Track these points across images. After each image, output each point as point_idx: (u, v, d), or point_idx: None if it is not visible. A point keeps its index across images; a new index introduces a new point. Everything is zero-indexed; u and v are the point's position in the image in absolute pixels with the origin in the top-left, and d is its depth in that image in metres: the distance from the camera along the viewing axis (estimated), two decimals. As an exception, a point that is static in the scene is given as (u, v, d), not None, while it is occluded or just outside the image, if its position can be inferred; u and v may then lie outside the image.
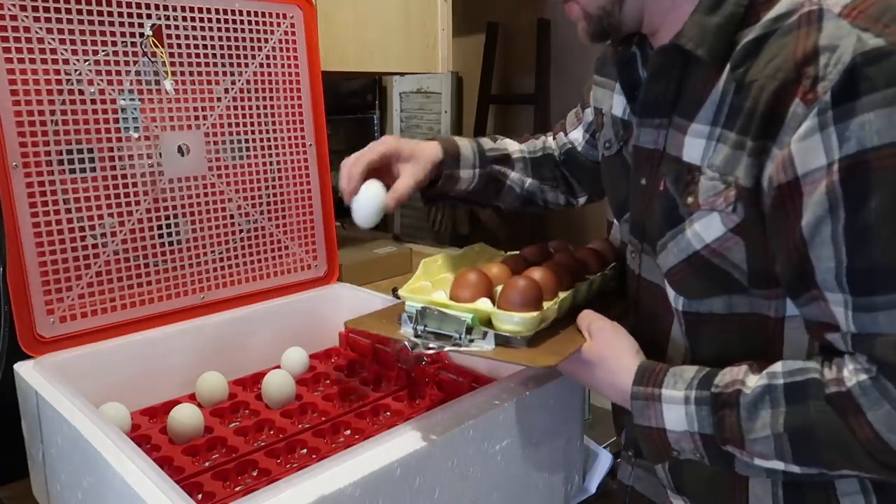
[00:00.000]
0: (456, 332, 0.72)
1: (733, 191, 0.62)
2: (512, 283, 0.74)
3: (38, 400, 0.80)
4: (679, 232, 0.68)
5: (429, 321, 0.74)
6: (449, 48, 1.78)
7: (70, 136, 0.90)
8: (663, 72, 0.70)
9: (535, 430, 0.81)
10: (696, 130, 0.66)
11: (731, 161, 0.62)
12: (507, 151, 1.00)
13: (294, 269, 1.16)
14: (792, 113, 0.57)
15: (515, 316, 0.71)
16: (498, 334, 0.72)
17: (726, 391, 0.64)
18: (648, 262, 0.76)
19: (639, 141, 0.74)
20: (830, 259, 0.57)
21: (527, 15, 2.60)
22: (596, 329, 0.74)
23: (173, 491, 0.59)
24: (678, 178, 0.68)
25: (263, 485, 0.64)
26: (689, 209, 0.67)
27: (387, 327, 0.78)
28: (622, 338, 0.73)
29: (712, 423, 0.64)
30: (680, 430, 0.66)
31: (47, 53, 0.88)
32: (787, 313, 0.66)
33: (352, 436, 0.86)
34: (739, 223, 0.63)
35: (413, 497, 0.67)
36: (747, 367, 0.64)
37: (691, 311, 0.71)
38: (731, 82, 0.63)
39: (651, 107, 0.72)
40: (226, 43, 1.05)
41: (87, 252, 0.92)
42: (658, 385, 0.67)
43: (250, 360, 1.05)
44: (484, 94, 2.77)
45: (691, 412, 0.65)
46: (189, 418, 0.85)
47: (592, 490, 0.91)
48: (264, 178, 1.12)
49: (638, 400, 0.68)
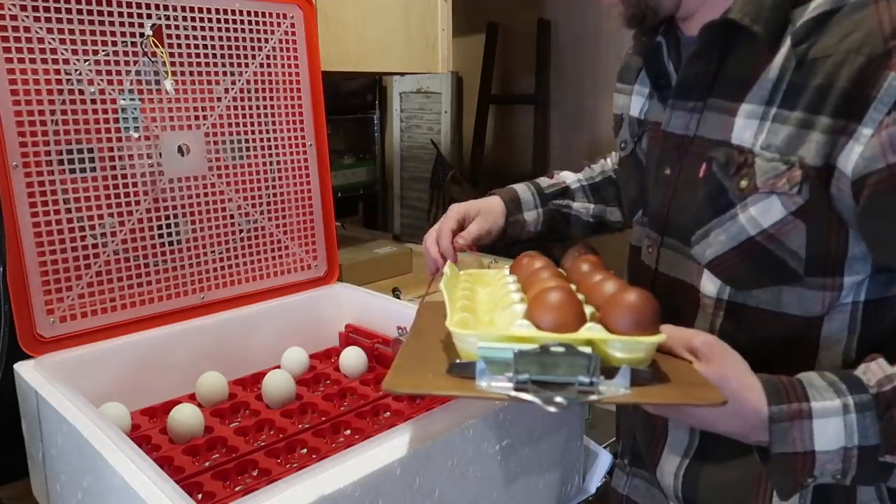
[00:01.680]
0: (579, 375, 0.54)
1: (798, 171, 0.60)
2: (621, 301, 0.58)
3: (38, 400, 0.80)
4: (729, 219, 0.65)
5: (528, 366, 0.54)
6: (449, 48, 1.78)
7: (70, 135, 0.90)
8: (707, 51, 0.68)
9: (535, 430, 0.81)
10: (747, 111, 0.64)
11: (794, 141, 0.60)
12: (565, 184, 1.00)
13: (294, 269, 1.16)
14: (886, 87, 0.55)
15: (644, 342, 0.56)
16: (637, 370, 0.55)
17: (884, 388, 0.56)
18: (669, 257, 0.73)
19: (669, 126, 0.73)
20: None
21: (527, 15, 2.60)
22: (702, 345, 0.61)
23: (173, 491, 0.59)
24: (728, 162, 0.65)
25: (263, 485, 0.64)
26: (742, 193, 0.64)
27: (453, 384, 0.57)
28: (735, 354, 0.61)
29: (878, 430, 0.56)
30: (834, 449, 0.57)
31: (47, 53, 0.88)
32: (840, 301, 0.63)
33: (352, 436, 0.86)
34: (803, 205, 0.60)
35: (413, 497, 0.67)
36: (883, 359, 0.59)
37: (738, 301, 0.67)
38: (792, 59, 0.61)
39: (687, 88, 0.70)
40: (226, 43, 1.05)
41: (87, 252, 0.92)
42: (803, 399, 0.58)
43: (250, 360, 1.05)
44: (484, 94, 2.77)
45: (851, 422, 0.56)
46: (189, 418, 0.85)
47: (592, 490, 0.91)
48: (264, 178, 1.12)
49: (781, 422, 0.57)
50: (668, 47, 0.75)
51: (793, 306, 0.65)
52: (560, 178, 1.02)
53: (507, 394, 0.54)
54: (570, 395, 0.53)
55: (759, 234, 0.63)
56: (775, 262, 0.63)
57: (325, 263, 1.20)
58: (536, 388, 0.54)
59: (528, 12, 2.60)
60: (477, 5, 2.72)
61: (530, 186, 0.99)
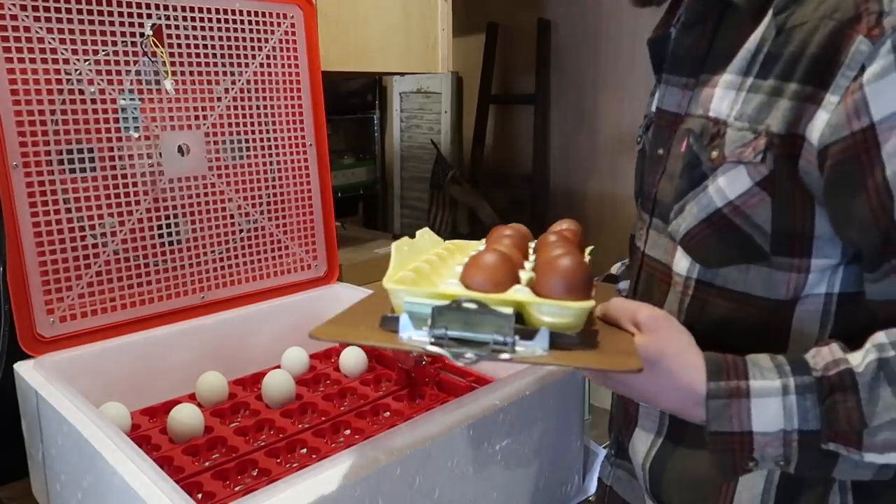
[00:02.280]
0: (497, 333, 0.54)
1: (763, 139, 0.58)
2: (554, 265, 0.58)
3: (38, 400, 0.80)
4: (701, 190, 0.64)
5: (450, 322, 0.55)
6: (449, 48, 1.78)
7: (70, 135, 0.90)
8: (697, 21, 0.67)
9: (535, 430, 0.81)
10: (726, 82, 0.63)
11: (764, 108, 0.59)
12: (610, 273, 0.91)
13: (294, 269, 1.16)
14: (853, 52, 0.53)
15: (570, 307, 0.55)
16: (556, 333, 0.55)
17: (830, 372, 0.54)
18: (654, 238, 0.73)
19: (662, 102, 0.72)
20: None
21: (527, 15, 2.60)
22: (647, 319, 0.61)
23: (173, 491, 0.59)
24: (703, 133, 0.64)
25: (263, 485, 0.64)
26: (713, 164, 0.62)
27: (377, 335, 0.58)
28: (680, 330, 0.61)
29: (819, 414, 0.54)
30: (773, 431, 0.56)
31: (47, 53, 0.88)
32: (802, 293, 0.61)
33: (352, 436, 0.86)
34: (767, 175, 0.58)
35: (413, 497, 0.67)
36: (836, 344, 0.56)
37: (705, 280, 0.65)
38: (772, 29, 0.60)
39: (680, 62, 0.69)
40: (226, 43, 1.05)
41: (87, 252, 0.92)
42: (742, 377, 0.56)
43: (250, 360, 1.05)
44: (484, 94, 2.77)
45: (791, 404, 0.55)
46: (189, 418, 0.85)
47: (592, 490, 0.91)
48: (264, 178, 1.12)
49: (718, 399, 0.56)
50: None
51: (758, 287, 0.62)
52: (608, 273, 0.92)
53: (422, 347, 0.55)
54: (482, 353, 0.54)
55: (726, 205, 0.61)
56: (742, 238, 0.61)
57: (325, 263, 1.20)
58: (452, 343, 0.54)
59: (528, 12, 2.60)
60: (477, 5, 2.72)
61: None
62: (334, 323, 0.62)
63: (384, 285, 0.59)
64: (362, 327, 0.59)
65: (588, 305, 0.56)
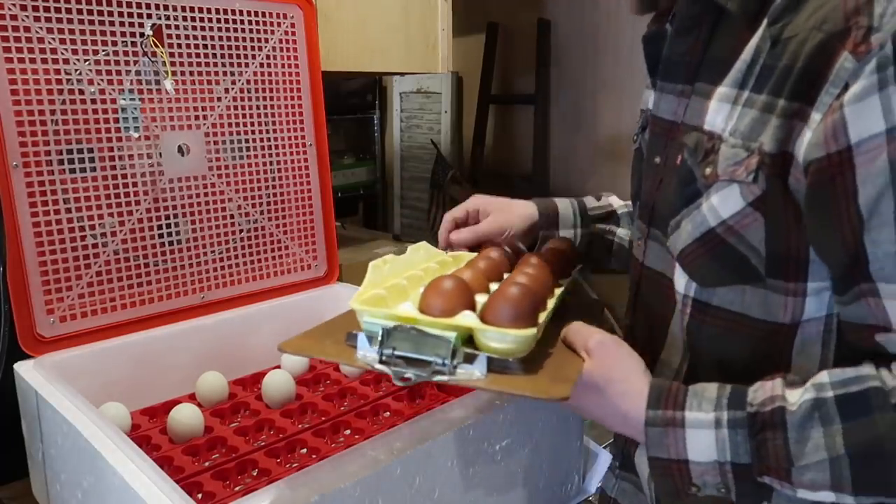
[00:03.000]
0: (437, 356, 0.57)
1: (756, 158, 0.56)
2: (502, 293, 0.61)
3: (38, 400, 0.80)
4: (695, 207, 0.62)
5: (399, 343, 0.58)
6: (449, 48, 1.78)
7: (70, 135, 0.90)
8: (691, 27, 0.64)
9: (535, 430, 0.81)
10: (721, 94, 0.61)
11: (758, 126, 0.56)
12: (611, 208, 0.93)
13: (294, 269, 1.16)
14: (838, 68, 0.51)
15: (510, 333, 0.58)
16: (495, 358, 0.58)
17: (765, 409, 0.55)
18: (654, 249, 0.71)
19: (658, 110, 0.69)
20: (891, 242, 0.50)
21: (527, 15, 2.60)
22: (596, 345, 0.63)
23: (173, 491, 0.59)
24: (697, 147, 0.62)
25: (263, 485, 0.64)
26: (706, 181, 0.60)
27: (337, 350, 0.62)
28: (628, 355, 0.63)
29: (749, 449, 0.55)
30: (707, 462, 0.56)
31: (47, 53, 0.88)
32: (803, 318, 0.59)
33: (352, 436, 0.86)
34: (760, 196, 0.57)
35: (413, 497, 0.67)
36: (781, 379, 0.56)
37: (701, 299, 0.64)
38: (767, 40, 0.57)
39: (674, 67, 0.67)
40: (226, 43, 1.05)
41: (87, 252, 0.92)
42: (679, 407, 0.58)
43: (250, 360, 1.05)
44: (484, 94, 2.77)
45: (723, 438, 0.56)
46: (189, 418, 0.85)
47: (592, 490, 0.91)
48: (264, 178, 1.12)
49: (655, 427, 0.58)
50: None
51: (755, 309, 0.61)
52: (607, 201, 0.94)
53: (371, 365, 0.59)
54: (422, 373, 0.57)
55: (719, 225, 0.60)
56: (737, 258, 0.59)
57: (325, 263, 1.20)
58: (399, 362, 0.58)
59: (528, 12, 2.60)
60: (477, 5, 2.72)
61: (573, 204, 0.91)
62: (303, 336, 0.66)
63: (349, 304, 0.62)
64: (328, 342, 0.63)
65: (528, 334, 0.58)
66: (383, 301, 0.65)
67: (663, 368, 0.70)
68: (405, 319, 0.60)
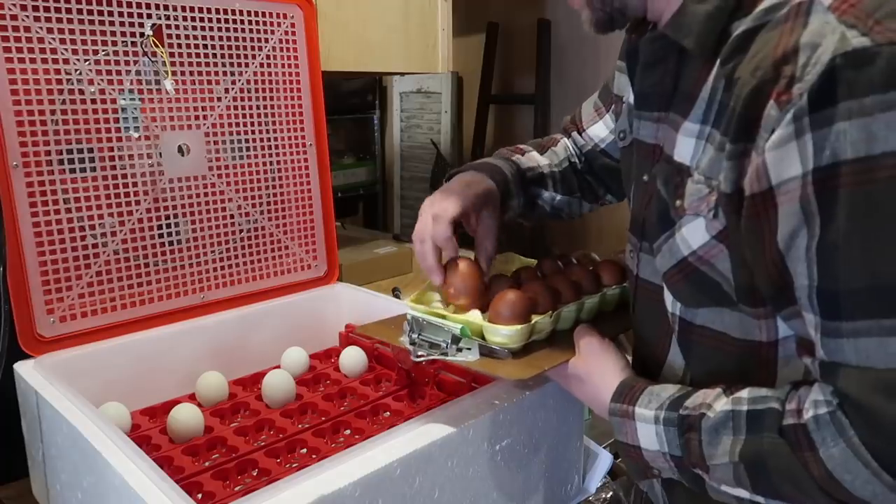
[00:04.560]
0: (444, 341, 0.75)
1: (714, 195, 0.59)
2: (501, 297, 0.76)
3: (38, 400, 0.80)
4: (671, 236, 0.65)
5: (423, 330, 0.77)
6: (449, 48, 1.78)
7: (70, 135, 0.90)
8: (656, 62, 0.66)
9: (535, 430, 0.81)
10: (687, 129, 0.63)
11: (716, 164, 0.59)
12: (540, 171, 0.94)
13: (294, 269, 1.16)
14: (766, 115, 0.53)
15: (502, 328, 0.73)
16: (485, 346, 0.75)
17: (693, 413, 0.62)
18: (647, 262, 0.73)
19: (639, 134, 0.71)
20: (804, 276, 0.53)
21: (527, 15, 2.60)
22: (584, 344, 0.75)
23: (173, 491, 0.59)
24: (668, 180, 0.65)
25: (263, 485, 0.64)
26: (677, 212, 0.64)
27: (389, 333, 0.83)
28: (609, 354, 0.73)
29: (679, 444, 0.63)
30: (653, 450, 0.65)
31: (47, 53, 0.88)
32: (779, 336, 0.62)
33: (352, 436, 0.86)
34: (721, 230, 0.60)
35: (413, 497, 0.68)
36: (721, 389, 0.62)
37: (686, 318, 0.68)
38: (721, 78, 0.59)
39: (647, 98, 0.69)
40: (226, 43, 1.05)
41: (87, 252, 0.92)
42: (633, 402, 0.67)
43: (250, 360, 1.05)
44: (484, 94, 2.77)
45: (660, 432, 0.64)
46: (189, 418, 0.85)
47: (592, 490, 0.91)
48: (264, 178, 1.12)
49: (615, 416, 0.68)
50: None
51: (735, 329, 0.64)
52: (533, 161, 0.94)
53: (404, 344, 0.78)
54: (432, 352, 0.76)
55: (691, 254, 0.63)
56: (711, 284, 0.63)
57: (325, 263, 1.20)
58: (422, 344, 0.77)
59: (528, 12, 2.60)
60: (477, 5, 2.72)
61: (511, 167, 0.89)
62: (377, 324, 0.88)
63: (404, 301, 0.87)
64: (392, 326, 0.84)
65: (515, 329, 0.73)
66: (431, 300, 0.84)
67: (668, 374, 0.72)
68: (429, 313, 0.77)
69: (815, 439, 0.54)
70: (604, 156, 0.93)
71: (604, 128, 0.93)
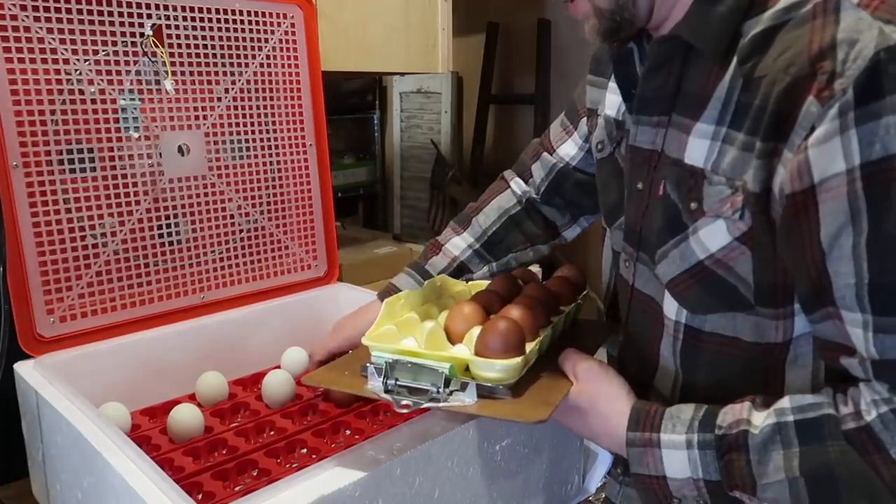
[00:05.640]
0: (433, 385, 0.65)
1: (740, 196, 0.58)
2: (491, 327, 0.67)
3: (38, 400, 0.80)
4: (682, 240, 0.64)
5: (401, 374, 0.67)
6: (449, 48, 1.78)
7: (70, 135, 0.90)
8: (662, 65, 0.66)
9: (535, 430, 0.81)
10: (700, 130, 0.62)
11: (740, 164, 0.58)
12: (458, 260, 0.92)
13: (294, 269, 1.16)
14: (805, 111, 0.53)
15: (497, 363, 0.65)
16: (483, 385, 0.66)
17: (731, 432, 0.59)
18: (643, 273, 0.72)
19: (636, 140, 0.70)
20: (850, 275, 0.52)
21: (527, 15, 2.60)
22: (583, 371, 0.69)
23: (173, 491, 0.59)
24: (680, 183, 0.64)
25: (263, 485, 0.64)
26: (692, 216, 0.62)
27: (351, 382, 0.70)
28: (612, 379, 0.68)
29: (719, 468, 0.59)
30: (682, 478, 0.61)
31: (47, 53, 0.88)
32: (794, 335, 0.61)
33: (352, 436, 0.86)
34: (746, 231, 0.59)
35: (413, 497, 0.67)
36: (750, 403, 0.60)
37: (693, 325, 0.66)
38: (739, 78, 0.59)
39: (649, 102, 0.68)
40: (226, 43, 1.05)
41: (87, 252, 0.92)
42: (655, 429, 0.63)
43: (250, 360, 1.05)
44: (484, 94, 2.77)
45: (695, 457, 0.60)
46: (189, 418, 0.85)
47: (592, 490, 0.91)
48: (264, 178, 1.12)
49: (635, 447, 0.63)
50: (641, 53, 0.72)
51: (748, 333, 0.63)
52: (450, 252, 0.93)
53: (377, 394, 0.67)
54: (420, 400, 0.65)
55: (708, 258, 0.62)
56: (727, 288, 0.62)
57: (325, 263, 1.20)
58: (402, 391, 0.66)
59: (528, 12, 2.60)
60: (477, 5, 2.72)
61: (413, 277, 0.90)
62: (326, 369, 0.75)
63: (362, 341, 0.69)
64: (346, 373, 0.72)
65: (513, 363, 0.64)
66: (393, 336, 0.71)
67: (656, 390, 0.72)
68: (406, 353, 0.66)
69: (884, 439, 0.53)
70: (577, 172, 0.92)
71: (573, 146, 0.91)
